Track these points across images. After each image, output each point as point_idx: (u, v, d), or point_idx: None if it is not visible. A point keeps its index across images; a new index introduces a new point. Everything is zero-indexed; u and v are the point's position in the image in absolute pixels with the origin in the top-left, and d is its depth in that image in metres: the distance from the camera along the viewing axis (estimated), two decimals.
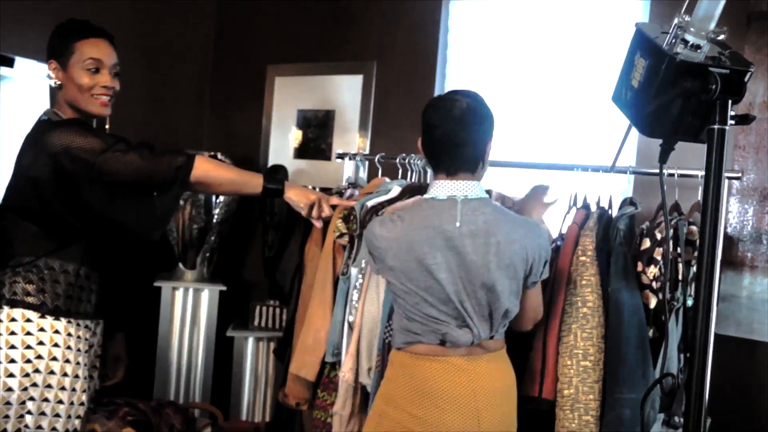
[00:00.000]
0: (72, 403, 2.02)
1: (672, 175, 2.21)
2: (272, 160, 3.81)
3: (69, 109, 2.10)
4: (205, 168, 2.02)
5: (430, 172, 2.96)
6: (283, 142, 3.80)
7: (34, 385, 1.97)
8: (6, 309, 1.99)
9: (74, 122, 2.04)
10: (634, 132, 1.48)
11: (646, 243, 2.21)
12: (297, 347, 2.69)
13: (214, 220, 3.57)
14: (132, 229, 2.05)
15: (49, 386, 1.98)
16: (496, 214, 1.88)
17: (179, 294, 3.60)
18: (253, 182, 2.07)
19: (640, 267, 2.21)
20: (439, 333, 1.85)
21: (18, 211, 2.04)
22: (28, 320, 1.99)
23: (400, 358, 1.91)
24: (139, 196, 2.01)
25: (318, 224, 2.16)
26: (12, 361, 1.96)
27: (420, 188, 2.72)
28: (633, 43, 1.41)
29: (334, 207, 2.25)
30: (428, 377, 1.86)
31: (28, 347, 1.97)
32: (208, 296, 3.61)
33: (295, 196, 2.12)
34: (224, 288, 3.61)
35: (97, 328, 2.20)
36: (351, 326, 2.50)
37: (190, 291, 3.61)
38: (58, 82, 2.08)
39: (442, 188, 1.89)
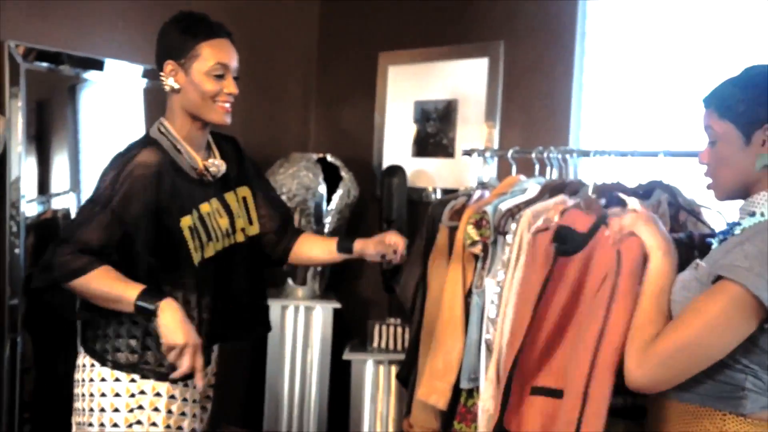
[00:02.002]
0: None
1: None
2: (387, 160, 3.83)
3: (184, 116, 2.13)
4: (80, 283, 2.01)
5: (574, 167, 2.90)
6: (399, 139, 3.81)
7: None
8: (108, 369, 2.11)
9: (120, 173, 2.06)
10: None
11: None
12: (425, 371, 2.68)
13: (326, 230, 3.62)
14: None
15: None
16: None
17: (289, 313, 3.67)
18: (125, 300, 2.00)
19: None
20: None
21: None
22: (132, 380, 2.11)
23: (754, 430, 1.62)
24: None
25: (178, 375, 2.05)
26: (115, 425, 2.09)
27: (562, 186, 2.65)
28: None
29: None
30: None
31: (131, 411, 2.09)
32: (321, 315, 3.66)
33: (166, 323, 1.98)
34: (339, 305, 3.65)
35: (211, 356, 2.28)
36: (489, 347, 2.47)
37: (301, 309, 3.67)
38: (177, 86, 2.10)
39: None
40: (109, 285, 2.00)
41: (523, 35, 3.38)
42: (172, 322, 1.97)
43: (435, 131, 3.67)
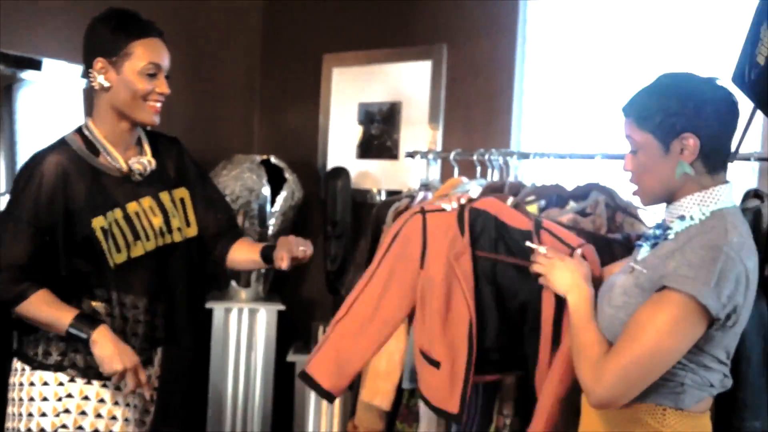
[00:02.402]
0: None
1: None
2: (331, 162, 3.85)
3: (111, 115, 2.12)
4: (20, 309, 2.06)
5: (516, 169, 2.96)
6: (343, 141, 3.84)
7: None
8: (38, 372, 2.10)
9: (33, 178, 2.06)
10: (761, 113, 1.45)
11: None
12: (368, 372, 2.71)
13: (270, 232, 3.63)
14: None
15: None
16: None
17: (233, 315, 3.67)
18: (58, 325, 2.04)
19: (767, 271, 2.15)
20: (723, 375, 1.73)
21: None
22: (60, 384, 2.10)
23: (690, 422, 1.71)
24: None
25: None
26: (42, 430, 2.08)
27: (503, 188, 2.70)
28: (758, 11, 1.38)
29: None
30: None
31: (57, 415, 2.09)
32: (265, 317, 3.67)
33: (100, 354, 2.02)
34: (283, 307, 3.67)
35: (154, 358, 2.28)
36: None
37: (245, 312, 3.67)
38: (107, 84, 2.08)
39: (732, 193, 1.74)
40: (43, 311, 2.04)
41: (465, 38, 3.43)
42: (107, 351, 2.02)
43: (379, 133, 3.71)
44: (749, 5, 1.41)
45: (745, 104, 1.52)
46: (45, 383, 2.09)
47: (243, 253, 2.35)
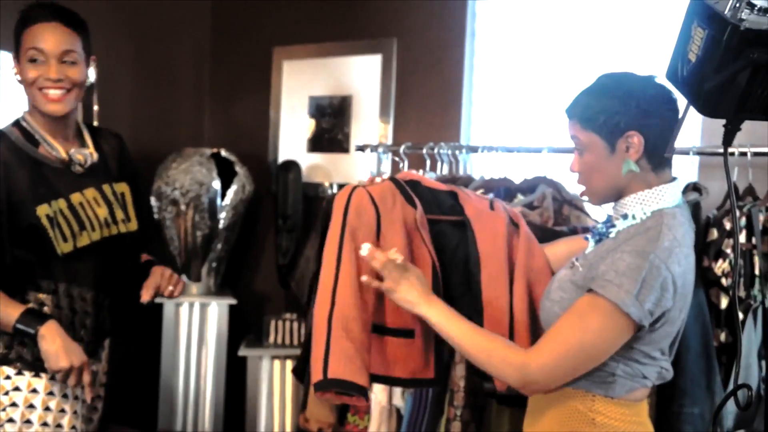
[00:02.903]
0: None
1: (744, 154, 2.23)
2: (282, 155, 3.85)
3: (34, 108, 2.14)
4: None
5: (465, 162, 3.00)
6: (294, 134, 3.84)
7: None
8: None
9: None
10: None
11: (713, 234, 2.23)
12: None
13: (220, 226, 3.62)
14: None
15: None
16: None
17: (184, 310, 3.66)
18: (5, 321, 2.02)
19: (705, 262, 2.22)
20: (661, 368, 1.77)
21: None
22: (8, 377, 2.09)
23: (620, 410, 1.75)
24: None
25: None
26: None
27: (453, 181, 2.74)
28: (689, 10, 1.42)
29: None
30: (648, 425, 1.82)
31: (4, 409, 2.08)
32: (216, 311, 3.67)
33: (48, 349, 2.01)
34: (234, 301, 3.67)
35: (101, 353, 2.27)
36: None
37: (196, 306, 3.66)
38: (19, 78, 2.12)
39: (676, 191, 1.77)
40: None
41: (415, 33, 3.46)
42: (53, 347, 2.01)
43: (330, 127, 3.72)
44: (683, 4, 1.46)
45: (680, 100, 1.57)
46: None
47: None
